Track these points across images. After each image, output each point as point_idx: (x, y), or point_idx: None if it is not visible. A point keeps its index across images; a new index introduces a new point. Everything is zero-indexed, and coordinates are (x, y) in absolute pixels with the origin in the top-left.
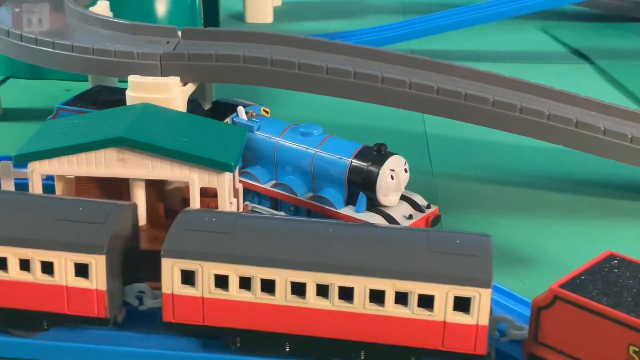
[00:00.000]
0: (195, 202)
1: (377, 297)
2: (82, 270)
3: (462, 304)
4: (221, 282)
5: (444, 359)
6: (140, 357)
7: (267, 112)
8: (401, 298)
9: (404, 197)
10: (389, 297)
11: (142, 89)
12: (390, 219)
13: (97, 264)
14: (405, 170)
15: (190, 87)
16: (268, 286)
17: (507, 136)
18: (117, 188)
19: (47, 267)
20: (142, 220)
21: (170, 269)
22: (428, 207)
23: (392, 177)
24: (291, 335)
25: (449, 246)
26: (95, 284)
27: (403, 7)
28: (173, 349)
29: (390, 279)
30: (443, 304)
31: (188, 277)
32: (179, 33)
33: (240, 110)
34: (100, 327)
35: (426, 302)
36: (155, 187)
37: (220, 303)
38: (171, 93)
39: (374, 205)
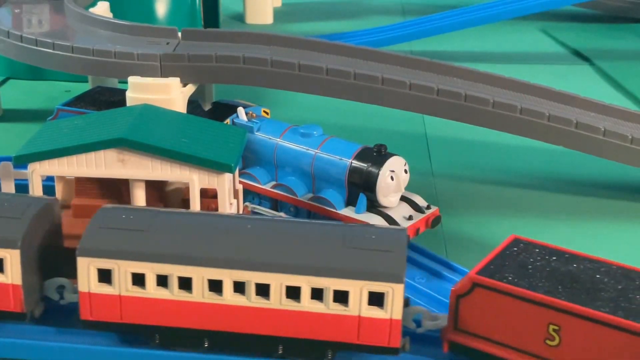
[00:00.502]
0: (195, 203)
1: (294, 293)
2: None
3: (376, 299)
4: (138, 280)
5: (360, 352)
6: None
7: (267, 113)
8: (317, 293)
9: (404, 198)
10: (305, 293)
11: (142, 90)
12: (390, 219)
13: (12, 258)
14: (405, 171)
15: (190, 88)
16: (185, 283)
17: (507, 137)
18: (117, 189)
19: None
20: None
21: (87, 268)
22: (428, 207)
23: (392, 178)
24: (210, 332)
25: (364, 242)
26: (10, 279)
27: (403, 8)
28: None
29: (305, 276)
30: (357, 299)
31: (105, 276)
32: (179, 34)
33: (240, 111)
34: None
35: (341, 297)
36: (155, 188)
37: (137, 301)
38: (171, 94)
39: (374, 206)
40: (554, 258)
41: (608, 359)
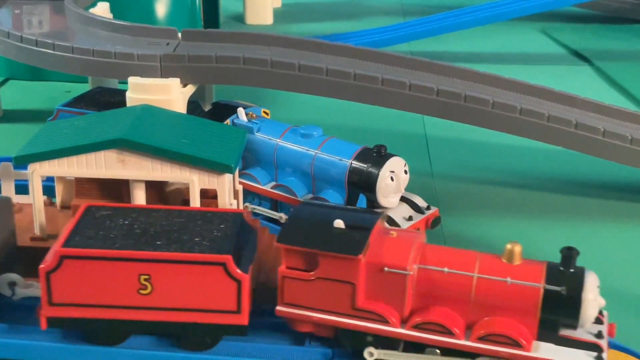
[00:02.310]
0: (195, 204)
1: None
2: None
3: None
4: None
5: None
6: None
7: (267, 114)
8: None
9: (403, 199)
10: None
11: (142, 91)
12: (390, 220)
13: None
14: (405, 172)
15: (190, 89)
16: None
17: (507, 138)
18: (118, 189)
19: None
20: None
21: None
22: (428, 208)
23: (392, 179)
24: None
25: None
26: None
27: (403, 9)
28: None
29: None
30: None
31: None
32: (179, 34)
33: (240, 111)
34: None
35: None
36: (155, 189)
37: None
38: (171, 94)
39: (374, 207)
40: (133, 215)
41: (196, 292)
